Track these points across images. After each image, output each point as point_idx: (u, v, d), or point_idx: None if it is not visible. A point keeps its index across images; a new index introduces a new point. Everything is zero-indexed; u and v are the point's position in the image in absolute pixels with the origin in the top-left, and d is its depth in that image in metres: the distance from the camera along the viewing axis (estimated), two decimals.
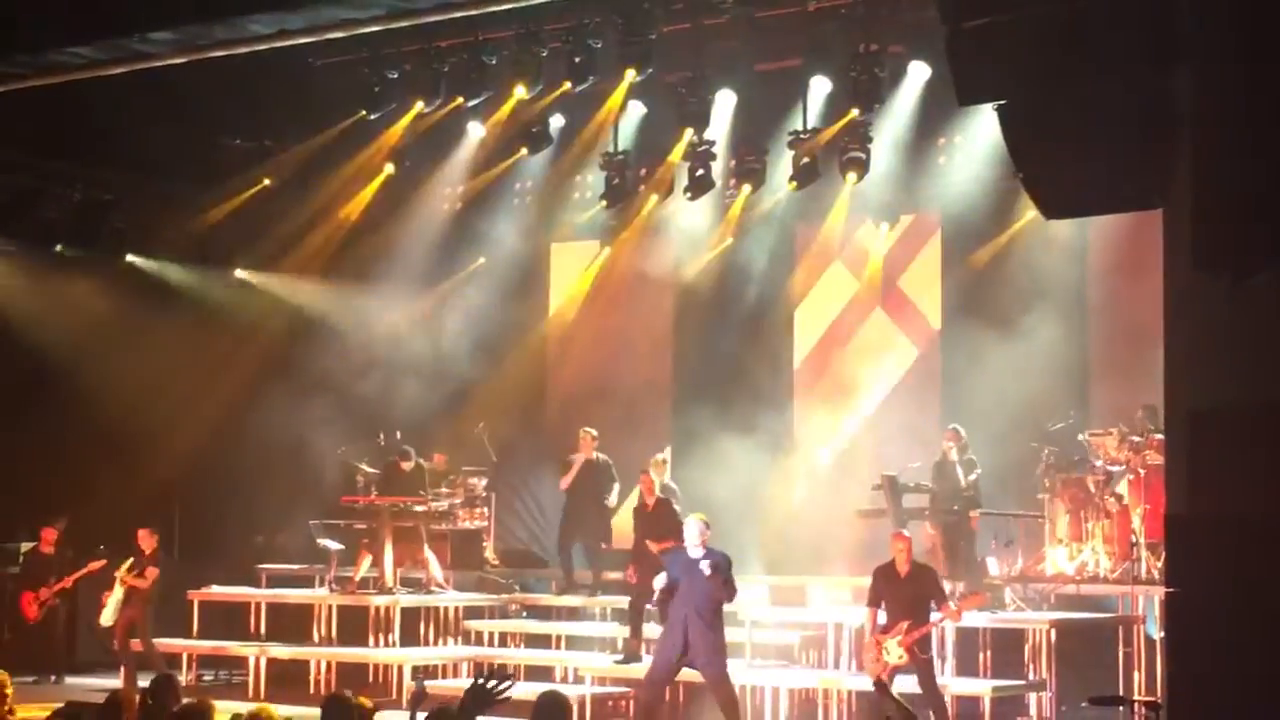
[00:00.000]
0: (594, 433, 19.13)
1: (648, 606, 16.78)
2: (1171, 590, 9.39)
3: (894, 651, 14.16)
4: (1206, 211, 9.06)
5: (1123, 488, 16.87)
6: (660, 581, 14.22)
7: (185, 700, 8.65)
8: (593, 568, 19.24)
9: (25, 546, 19.95)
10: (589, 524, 18.96)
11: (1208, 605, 9.02)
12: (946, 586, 15.13)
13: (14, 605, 19.63)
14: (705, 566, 14.07)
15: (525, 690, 15.86)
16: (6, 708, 10.24)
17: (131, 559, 18.17)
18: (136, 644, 18.11)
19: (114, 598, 18.13)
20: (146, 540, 18.21)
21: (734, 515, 19.19)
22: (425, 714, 8.87)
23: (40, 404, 20.49)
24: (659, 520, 16.80)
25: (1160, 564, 14.94)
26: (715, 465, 19.59)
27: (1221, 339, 9.09)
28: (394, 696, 16.85)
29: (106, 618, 18.22)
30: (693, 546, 14.27)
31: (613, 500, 18.88)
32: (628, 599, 17.24)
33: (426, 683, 15.95)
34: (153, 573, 18.13)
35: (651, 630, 17.04)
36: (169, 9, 12.96)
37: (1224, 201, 9.00)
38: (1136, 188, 9.61)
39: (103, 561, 18.93)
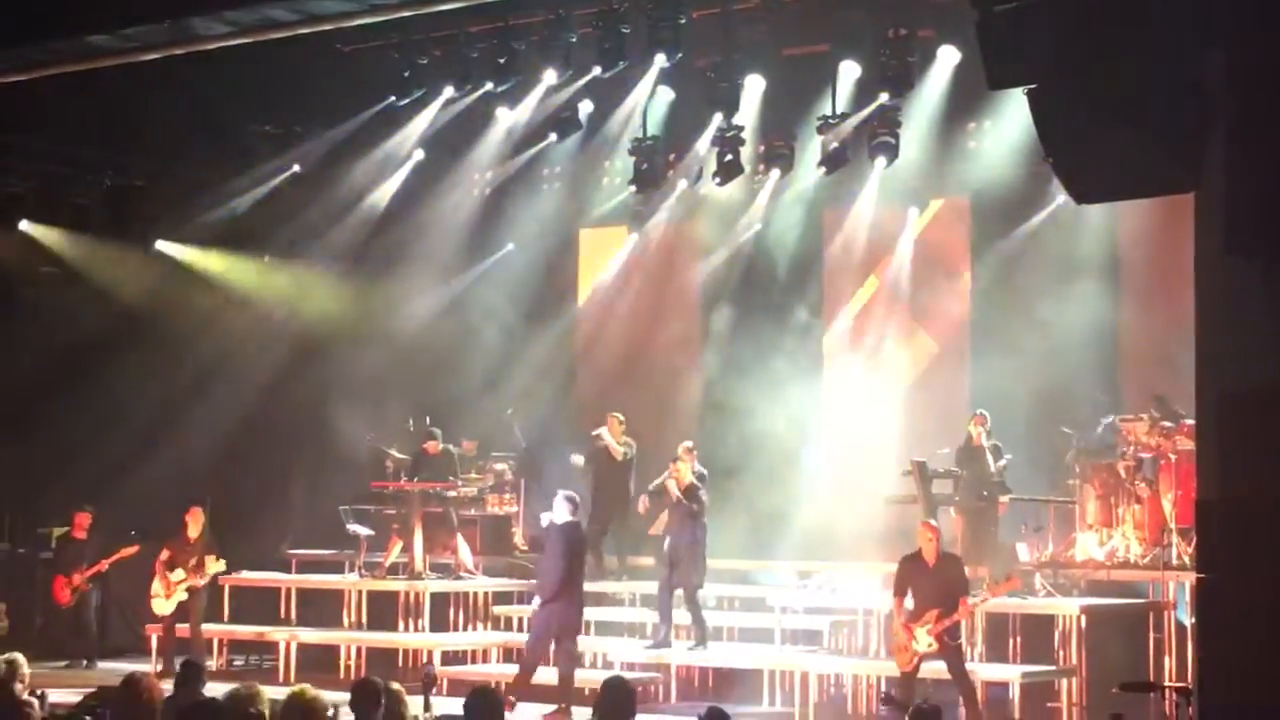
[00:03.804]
0: (620, 417, 19.19)
1: (677, 591, 16.85)
2: (1202, 576, 9.38)
3: (923, 640, 14.17)
4: (1238, 197, 9.04)
5: (1153, 473, 16.81)
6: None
7: (235, 686, 8.67)
8: (619, 552, 19.30)
9: (58, 531, 20.04)
10: (617, 509, 19.05)
11: (1239, 590, 9.01)
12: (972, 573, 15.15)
13: (46, 590, 19.74)
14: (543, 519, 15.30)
15: (553, 676, 16.00)
16: (24, 687, 10.29)
17: (170, 552, 18.28)
18: (183, 629, 18.25)
19: (175, 596, 18.26)
20: (195, 521, 18.33)
21: (763, 500, 19.24)
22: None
23: (72, 390, 20.58)
24: (685, 507, 16.90)
25: (1191, 549, 14.89)
26: (745, 450, 19.59)
27: (1252, 324, 9.07)
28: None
29: (164, 607, 18.32)
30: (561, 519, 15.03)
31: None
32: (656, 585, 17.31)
33: (451, 668, 16.08)
34: (210, 563, 18.24)
35: (682, 616, 17.09)
36: None
37: (1255, 187, 8.97)
38: (1168, 172, 9.58)
39: (135, 547, 19.02)
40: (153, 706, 8.70)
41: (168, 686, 9.86)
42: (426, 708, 9.85)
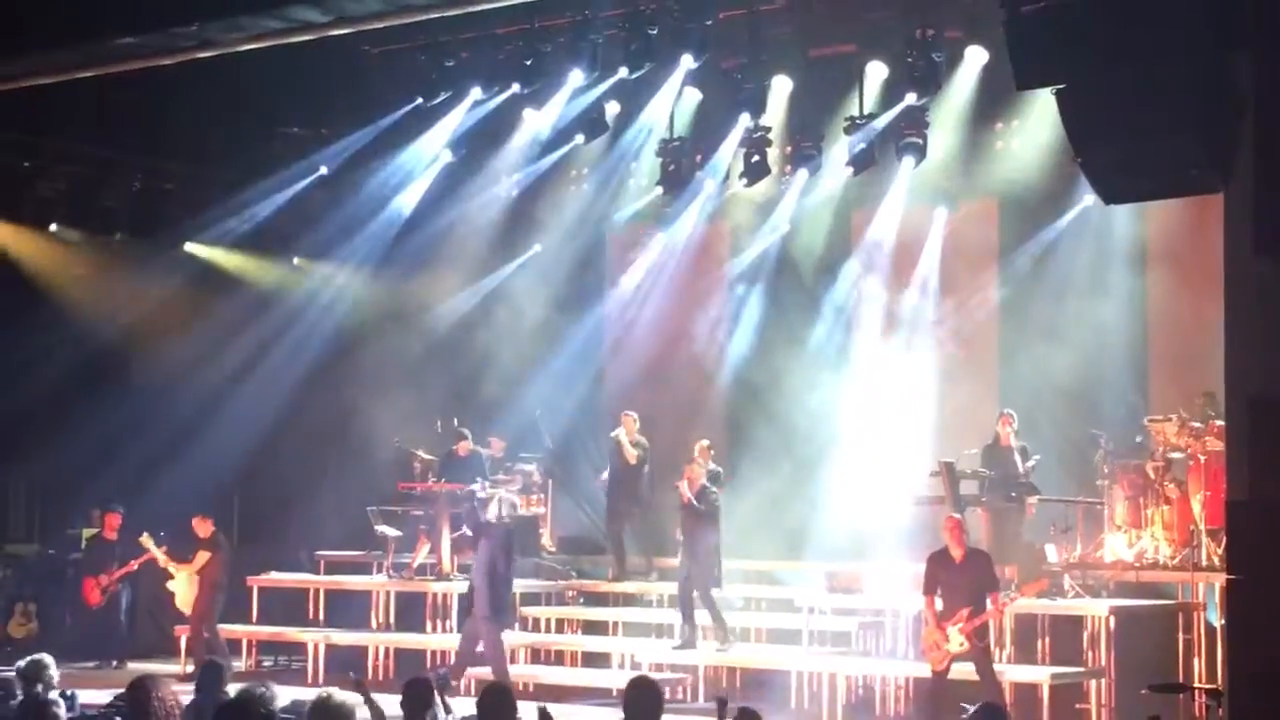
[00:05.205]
0: (634, 416, 19.23)
1: (695, 592, 16.86)
2: (1232, 577, 9.35)
3: (955, 639, 14.10)
4: (1268, 196, 9.01)
5: (1182, 474, 16.75)
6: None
7: (243, 685, 8.68)
8: (644, 553, 19.31)
9: (88, 532, 20.13)
10: (633, 509, 19.07)
11: (1269, 592, 8.98)
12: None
13: (76, 591, 19.83)
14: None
15: (581, 677, 16.01)
16: (53, 688, 10.33)
17: (164, 547, 18.55)
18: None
19: (176, 583, 18.48)
20: (201, 526, 18.46)
21: (791, 501, 19.22)
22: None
23: (103, 391, 20.67)
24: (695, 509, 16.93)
25: (1221, 551, 14.84)
26: (772, 451, 19.57)
27: None
28: (454, 683, 16.91)
29: (181, 602, 18.52)
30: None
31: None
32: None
33: (477, 668, 16.09)
34: (201, 557, 18.36)
35: (704, 618, 17.08)
36: None
37: None
38: (1197, 172, 9.55)
39: (164, 548, 19.11)
40: (162, 708, 8.63)
41: (188, 689, 9.86)
42: (446, 710, 9.90)
